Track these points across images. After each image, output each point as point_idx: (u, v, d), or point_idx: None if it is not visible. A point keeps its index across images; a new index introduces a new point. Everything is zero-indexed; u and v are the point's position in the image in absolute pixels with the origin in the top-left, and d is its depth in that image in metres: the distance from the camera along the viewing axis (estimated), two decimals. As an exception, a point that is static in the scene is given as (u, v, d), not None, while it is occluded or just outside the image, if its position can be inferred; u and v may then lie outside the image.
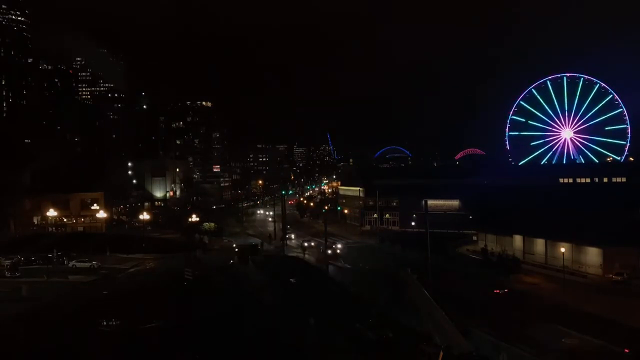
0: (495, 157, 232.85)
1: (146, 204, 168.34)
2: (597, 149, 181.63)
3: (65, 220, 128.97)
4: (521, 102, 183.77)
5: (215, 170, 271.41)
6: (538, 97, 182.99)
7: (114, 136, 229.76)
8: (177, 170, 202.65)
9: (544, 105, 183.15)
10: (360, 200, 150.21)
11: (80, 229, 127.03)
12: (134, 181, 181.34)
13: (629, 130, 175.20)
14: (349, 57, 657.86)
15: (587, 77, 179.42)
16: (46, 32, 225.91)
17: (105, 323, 46.95)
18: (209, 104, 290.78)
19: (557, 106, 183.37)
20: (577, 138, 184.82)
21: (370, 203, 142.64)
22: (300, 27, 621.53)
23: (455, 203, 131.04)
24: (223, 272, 78.32)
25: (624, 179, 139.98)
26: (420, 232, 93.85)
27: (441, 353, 36.48)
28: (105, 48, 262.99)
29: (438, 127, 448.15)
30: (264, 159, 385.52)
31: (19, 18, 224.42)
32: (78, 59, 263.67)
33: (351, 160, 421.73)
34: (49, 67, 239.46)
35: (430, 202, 78.93)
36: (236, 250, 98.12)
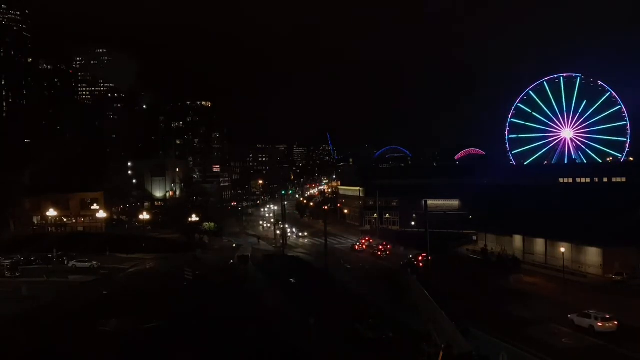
0: (495, 157, 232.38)
1: (146, 204, 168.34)
2: (598, 147, 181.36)
3: (65, 220, 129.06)
4: (519, 105, 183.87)
5: (215, 170, 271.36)
6: (536, 98, 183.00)
7: (114, 136, 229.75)
8: (177, 170, 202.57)
9: (542, 107, 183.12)
10: (360, 200, 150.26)
11: (80, 229, 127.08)
12: (134, 181, 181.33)
13: (629, 127, 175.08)
14: (348, 56, 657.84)
15: (583, 76, 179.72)
16: (46, 32, 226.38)
17: (105, 323, 47.01)
18: (209, 104, 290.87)
19: (555, 107, 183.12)
20: (577, 138, 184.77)
21: (370, 203, 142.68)
22: (300, 27, 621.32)
23: (455, 203, 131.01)
24: (223, 272, 78.39)
25: (624, 179, 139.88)
26: (420, 232, 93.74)
27: (441, 353, 36.46)
28: (105, 48, 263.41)
29: (438, 127, 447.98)
30: (264, 159, 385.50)
31: (19, 18, 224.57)
32: (78, 59, 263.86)
33: (351, 160, 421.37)
34: (49, 67, 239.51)
35: (430, 202, 78.74)
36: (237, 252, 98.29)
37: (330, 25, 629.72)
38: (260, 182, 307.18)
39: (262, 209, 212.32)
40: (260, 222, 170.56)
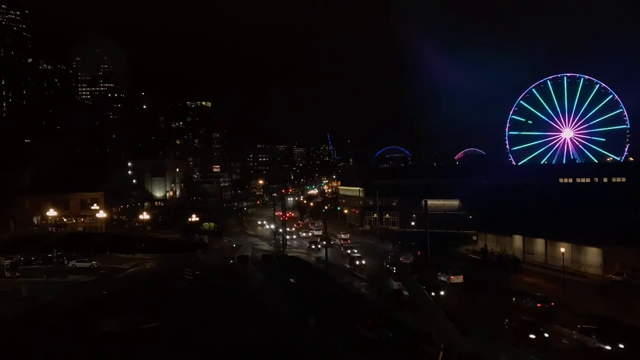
0: (495, 157, 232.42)
1: (146, 204, 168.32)
2: (597, 149, 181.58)
3: (65, 220, 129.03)
4: (521, 102, 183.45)
5: (215, 170, 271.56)
6: (538, 96, 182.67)
7: (114, 136, 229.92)
8: (177, 170, 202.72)
9: (544, 105, 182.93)
10: (360, 200, 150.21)
11: (80, 229, 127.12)
12: (134, 181, 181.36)
13: (629, 131, 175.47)
14: (348, 56, 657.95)
15: (587, 77, 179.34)
16: (46, 32, 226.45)
17: (105, 323, 47.05)
18: (209, 104, 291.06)
19: (557, 106, 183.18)
20: (577, 138, 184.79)
21: (370, 203, 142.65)
22: (300, 29, 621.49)
23: (455, 203, 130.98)
24: (223, 272, 78.40)
25: (624, 179, 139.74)
26: (420, 232, 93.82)
27: (441, 353, 36.51)
28: (105, 48, 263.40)
29: (438, 127, 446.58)
30: (264, 159, 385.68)
31: (19, 18, 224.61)
32: (78, 58, 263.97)
33: (351, 160, 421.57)
34: (49, 67, 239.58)
35: (430, 202, 79.01)
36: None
37: (330, 25, 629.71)
38: (260, 182, 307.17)
39: (263, 209, 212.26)
40: (260, 222, 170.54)
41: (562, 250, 74.10)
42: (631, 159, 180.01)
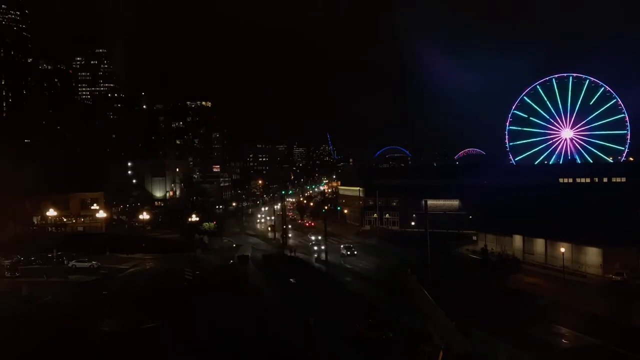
0: (495, 157, 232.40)
1: (146, 204, 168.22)
2: (595, 152, 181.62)
3: (65, 220, 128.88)
4: (525, 98, 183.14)
5: (215, 170, 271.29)
6: (542, 94, 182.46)
7: (114, 136, 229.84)
8: (177, 170, 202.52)
9: (547, 103, 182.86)
10: (360, 200, 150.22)
11: (80, 229, 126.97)
12: (134, 181, 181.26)
13: (629, 137, 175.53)
14: (348, 56, 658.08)
15: (592, 79, 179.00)
16: (46, 32, 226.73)
17: (105, 323, 47.09)
18: (209, 104, 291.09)
19: (560, 105, 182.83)
20: (576, 139, 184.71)
21: (370, 203, 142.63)
22: (300, 28, 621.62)
23: (455, 203, 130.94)
24: (223, 272, 78.43)
25: (624, 179, 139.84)
26: (420, 232, 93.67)
27: (441, 353, 36.45)
28: (105, 48, 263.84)
29: (438, 127, 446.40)
30: (264, 159, 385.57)
31: (19, 18, 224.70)
32: (78, 58, 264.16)
33: (351, 160, 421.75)
34: (49, 67, 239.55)
35: (430, 202, 78.66)
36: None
37: (330, 25, 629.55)
38: (260, 182, 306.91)
39: (262, 209, 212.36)
40: (260, 222, 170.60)
41: (562, 250, 74.13)
42: (631, 159, 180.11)
